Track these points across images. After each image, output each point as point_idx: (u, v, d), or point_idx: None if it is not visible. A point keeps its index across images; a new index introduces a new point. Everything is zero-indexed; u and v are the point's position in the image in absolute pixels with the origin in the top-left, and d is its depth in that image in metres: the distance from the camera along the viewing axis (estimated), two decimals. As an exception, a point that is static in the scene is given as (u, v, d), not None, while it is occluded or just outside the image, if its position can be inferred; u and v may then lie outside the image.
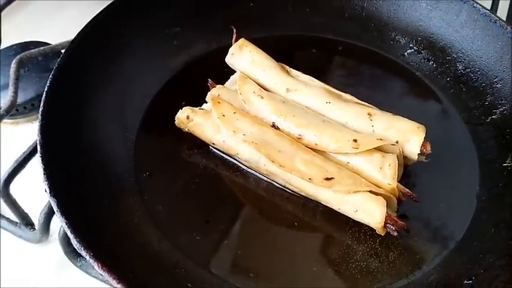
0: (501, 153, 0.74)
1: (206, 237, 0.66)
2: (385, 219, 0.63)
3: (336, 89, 0.77)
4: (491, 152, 0.75)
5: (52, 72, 0.68)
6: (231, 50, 0.80)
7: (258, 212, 0.70)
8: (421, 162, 0.70)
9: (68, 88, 0.69)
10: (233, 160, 0.74)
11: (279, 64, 0.80)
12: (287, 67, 0.80)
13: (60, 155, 0.63)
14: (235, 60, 0.80)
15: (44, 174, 0.58)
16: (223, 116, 0.71)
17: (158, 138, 0.76)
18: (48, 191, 0.57)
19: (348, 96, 0.76)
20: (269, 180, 0.72)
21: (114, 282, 0.50)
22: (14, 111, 0.88)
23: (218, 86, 0.77)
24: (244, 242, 0.66)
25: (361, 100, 0.76)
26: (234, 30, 0.80)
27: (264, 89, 0.76)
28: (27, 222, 0.74)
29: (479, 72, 0.82)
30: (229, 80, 0.80)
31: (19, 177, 0.73)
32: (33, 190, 0.71)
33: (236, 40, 0.80)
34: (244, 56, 0.79)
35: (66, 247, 0.68)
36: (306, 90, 0.76)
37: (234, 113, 0.72)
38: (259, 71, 0.78)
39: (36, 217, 0.71)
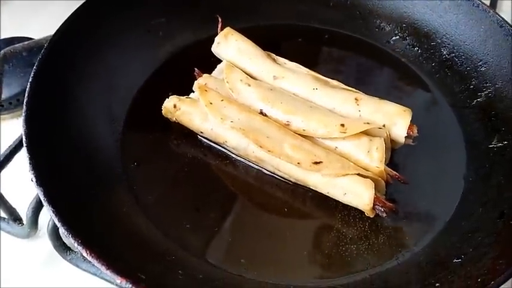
0: (487, 134, 0.75)
1: (196, 225, 0.66)
2: (374, 201, 0.63)
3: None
4: (478, 134, 0.76)
5: (36, 63, 0.67)
6: (216, 39, 0.80)
7: (248, 199, 0.70)
8: (408, 145, 0.70)
9: (53, 79, 0.69)
10: (222, 149, 0.74)
11: (266, 52, 0.80)
12: (273, 55, 0.80)
13: (46, 145, 0.62)
14: (221, 49, 0.80)
15: (30, 164, 0.58)
16: (211, 103, 0.71)
17: (145, 128, 0.76)
18: (34, 180, 0.56)
19: (334, 82, 0.76)
20: (258, 168, 0.72)
21: (103, 268, 0.50)
22: (-1, 107, 0.87)
23: (205, 75, 0.77)
24: (234, 229, 0.66)
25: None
26: (220, 19, 0.80)
27: (251, 77, 0.76)
28: (15, 217, 0.73)
29: (463, 57, 0.82)
30: (215, 69, 0.79)
31: (6, 172, 0.72)
32: (20, 185, 0.70)
33: (222, 29, 0.80)
34: (230, 45, 0.79)
35: (55, 241, 0.68)
36: (293, 77, 0.76)
37: (222, 100, 0.72)
38: (245, 59, 0.78)
39: (24, 212, 0.70)
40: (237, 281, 0.61)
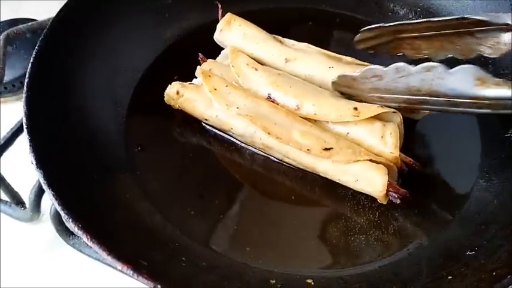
0: (503, 124, 0.72)
1: (201, 212, 0.65)
2: (387, 187, 0.61)
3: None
4: (493, 123, 0.73)
5: (38, 44, 0.66)
6: (218, 26, 0.77)
7: (254, 187, 0.68)
8: (421, 134, 0.69)
9: (55, 60, 0.67)
10: (227, 136, 0.72)
11: (272, 35, 0.77)
12: (280, 37, 0.78)
13: (47, 127, 0.61)
14: (225, 36, 0.77)
15: (30, 145, 0.56)
16: (215, 89, 0.69)
17: (150, 112, 0.74)
18: (34, 162, 0.55)
19: (348, 58, 0.74)
20: (265, 155, 0.70)
21: (104, 254, 0.49)
22: (2, 88, 0.86)
23: (209, 60, 0.75)
24: (240, 217, 0.65)
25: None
26: (219, 6, 0.77)
27: (260, 63, 0.74)
28: (17, 200, 0.73)
29: (480, 43, 0.79)
30: (220, 55, 0.77)
31: (9, 155, 0.71)
32: (23, 169, 0.69)
33: (222, 16, 0.77)
34: (234, 31, 0.77)
35: (58, 225, 0.67)
36: (306, 58, 0.73)
37: (226, 86, 0.69)
38: (253, 44, 0.76)
39: (27, 196, 0.70)
40: (241, 269, 0.59)
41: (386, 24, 0.70)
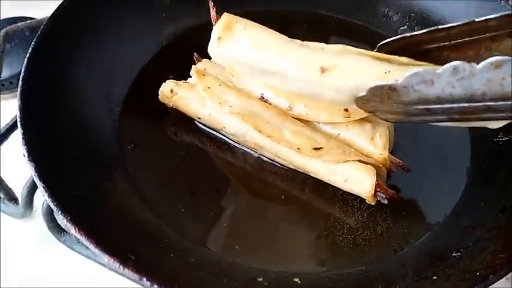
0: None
1: (191, 209, 0.65)
2: (375, 188, 0.62)
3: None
4: (483, 127, 0.73)
5: (35, 39, 0.66)
6: (215, 34, 0.66)
7: (245, 185, 0.69)
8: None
9: (51, 55, 0.68)
10: (220, 135, 0.73)
11: (289, 39, 0.67)
12: (299, 41, 0.67)
13: (40, 121, 0.61)
14: (226, 47, 0.66)
15: (23, 138, 0.57)
16: (209, 88, 0.70)
17: (144, 110, 0.74)
18: (26, 155, 0.55)
19: (403, 59, 0.59)
20: (257, 155, 0.71)
21: (91, 247, 0.49)
22: (0, 85, 0.87)
23: (204, 60, 0.75)
24: (230, 215, 0.65)
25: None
26: (212, 4, 0.67)
27: (286, 78, 0.64)
28: (10, 196, 0.73)
29: (472, 49, 0.80)
30: None
31: (3, 151, 0.72)
32: (18, 165, 0.69)
33: (216, 19, 0.67)
34: (238, 38, 0.65)
35: (50, 222, 0.67)
36: (349, 63, 0.61)
37: (220, 85, 0.70)
38: (268, 52, 0.65)
39: (20, 192, 0.70)
40: (229, 266, 0.60)
41: (409, 34, 0.57)
